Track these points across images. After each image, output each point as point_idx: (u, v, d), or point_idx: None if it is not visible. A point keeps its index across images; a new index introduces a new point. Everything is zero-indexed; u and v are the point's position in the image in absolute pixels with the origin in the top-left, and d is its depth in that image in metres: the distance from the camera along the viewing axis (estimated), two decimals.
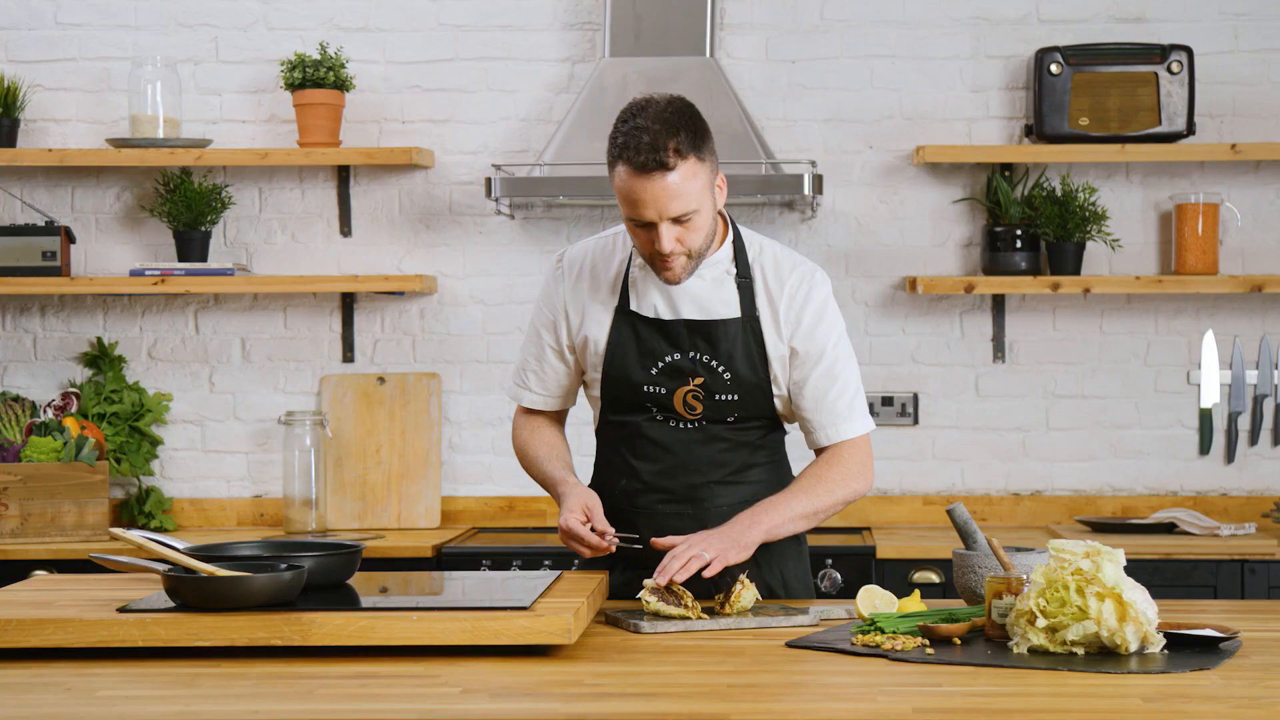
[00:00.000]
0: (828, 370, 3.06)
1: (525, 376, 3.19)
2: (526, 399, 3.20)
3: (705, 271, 3.04)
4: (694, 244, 2.93)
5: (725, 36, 4.82)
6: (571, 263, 3.14)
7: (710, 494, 3.06)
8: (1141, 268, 4.81)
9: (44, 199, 4.91)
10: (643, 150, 2.83)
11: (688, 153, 2.86)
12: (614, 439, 3.12)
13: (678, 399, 3.03)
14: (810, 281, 3.09)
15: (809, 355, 3.05)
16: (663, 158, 2.83)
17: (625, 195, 2.89)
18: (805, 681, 2.36)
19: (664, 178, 2.84)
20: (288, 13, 4.89)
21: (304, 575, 2.58)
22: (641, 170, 2.84)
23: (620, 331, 3.05)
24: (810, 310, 3.06)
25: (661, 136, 2.84)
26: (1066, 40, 4.75)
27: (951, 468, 4.85)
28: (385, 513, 4.79)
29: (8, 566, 4.31)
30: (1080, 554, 2.46)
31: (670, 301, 3.04)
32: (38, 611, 2.54)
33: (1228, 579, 4.26)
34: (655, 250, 2.92)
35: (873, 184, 4.84)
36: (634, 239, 2.97)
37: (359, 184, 4.90)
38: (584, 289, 3.10)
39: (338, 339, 4.90)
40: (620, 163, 2.87)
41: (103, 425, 4.74)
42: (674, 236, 2.90)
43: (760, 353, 3.04)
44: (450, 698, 2.22)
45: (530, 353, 3.18)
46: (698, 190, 2.89)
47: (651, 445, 3.07)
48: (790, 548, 3.18)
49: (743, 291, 3.05)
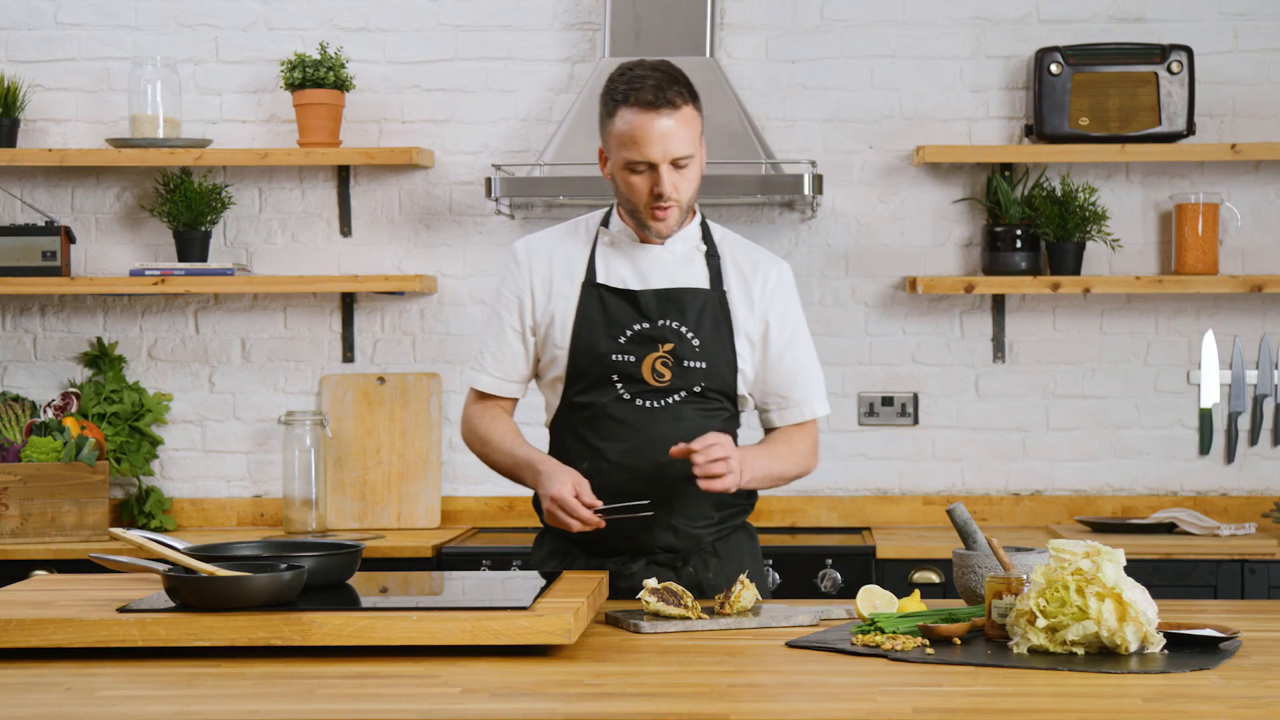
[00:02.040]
0: (803, 349, 3.20)
1: (483, 360, 3.20)
2: (482, 381, 3.20)
3: (675, 245, 3.13)
4: (686, 194, 3.04)
5: (725, 36, 4.82)
6: (532, 248, 3.19)
7: (675, 472, 3.07)
8: (1141, 268, 4.81)
9: (44, 199, 4.91)
10: (649, 90, 2.96)
11: (689, 98, 3.02)
12: (575, 422, 3.13)
13: (646, 366, 3.07)
14: (782, 268, 3.22)
15: (783, 334, 3.16)
16: (670, 97, 2.98)
17: (629, 137, 2.97)
18: (805, 681, 2.36)
19: (671, 115, 2.98)
20: (288, 13, 4.89)
21: (304, 575, 2.58)
22: (650, 108, 2.96)
23: (588, 304, 3.10)
24: (783, 292, 3.19)
25: (666, 81, 3.00)
26: (1066, 40, 4.76)
27: (951, 468, 4.85)
28: (385, 513, 4.79)
29: (8, 566, 4.31)
30: (1080, 554, 2.46)
31: (639, 272, 3.11)
32: (38, 611, 2.54)
33: (1228, 579, 4.26)
34: (654, 195, 3.00)
35: (873, 184, 4.84)
36: (628, 190, 3.03)
37: (359, 184, 4.90)
38: (548, 269, 3.15)
39: (338, 339, 4.91)
40: (625, 105, 2.98)
41: (103, 425, 4.74)
42: (673, 182, 3.00)
43: (727, 326, 3.11)
44: (450, 698, 2.22)
45: (490, 335, 3.20)
46: (696, 137, 3.03)
47: (617, 424, 3.08)
48: (746, 543, 3.23)
49: (711, 267, 3.14)
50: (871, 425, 4.85)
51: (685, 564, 3.12)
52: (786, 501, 4.83)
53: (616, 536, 3.07)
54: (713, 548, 3.15)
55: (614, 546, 3.10)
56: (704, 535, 3.13)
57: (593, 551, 3.13)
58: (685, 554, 3.12)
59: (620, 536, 3.08)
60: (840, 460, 4.83)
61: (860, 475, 4.85)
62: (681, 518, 3.09)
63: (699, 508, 3.10)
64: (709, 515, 3.12)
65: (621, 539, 3.08)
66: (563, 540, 3.17)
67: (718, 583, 3.11)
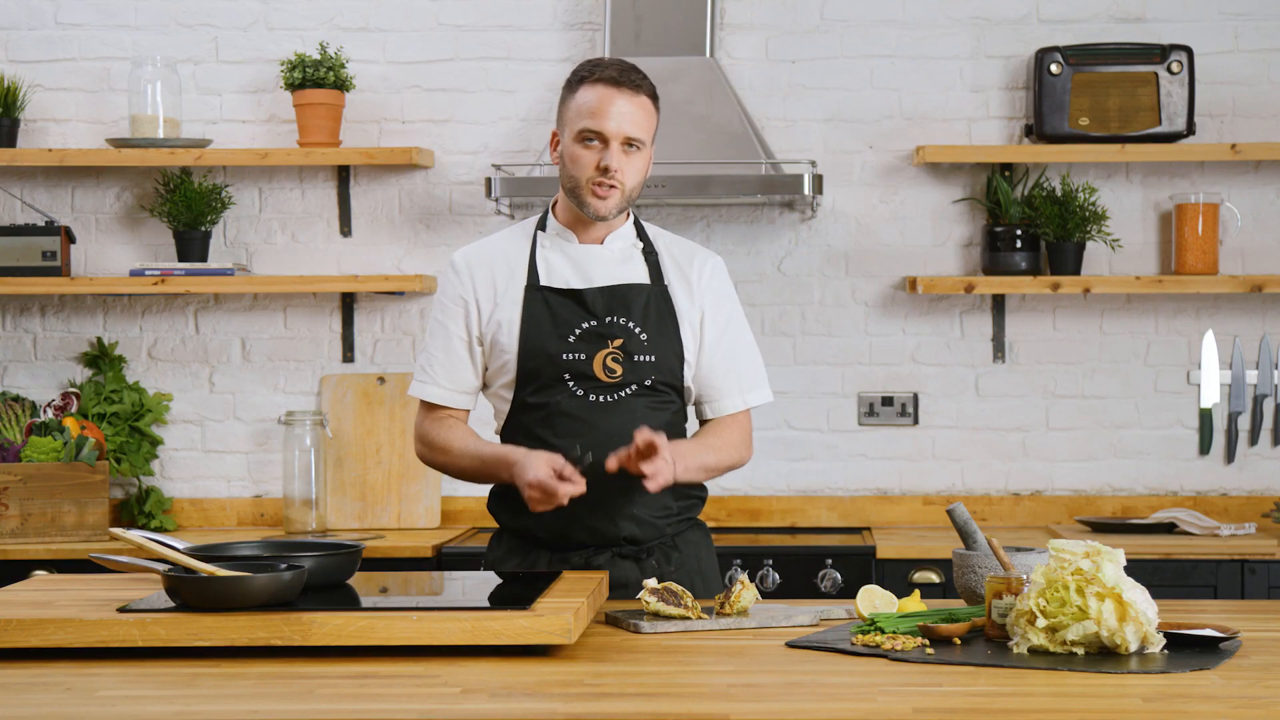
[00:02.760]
0: (737, 340, 3.22)
1: (432, 372, 3.18)
2: (433, 394, 3.18)
3: (613, 244, 3.16)
4: (630, 181, 3.08)
5: (725, 36, 4.82)
6: (470, 257, 3.20)
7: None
8: (1141, 268, 4.81)
9: (44, 199, 4.91)
10: (614, 69, 3.06)
11: (650, 93, 3.10)
12: (529, 422, 3.12)
13: (597, 363, 3.08)
14: (714, 260, 3.26)
15: (715, 324, 3.19)
16: (635, 79, 3.08)
17: (589, 108, 3.04)
18: (805, 681, 2.35)
19: (632, 98, 3.05)
20: (288, 13, 4.89)
21: (304, 575, 2.57)
22: (614, 84, 3.04)
23: (533, 307, 3.11)
24: (718, 282, 3.23)
25: (631, 68, 3.10)
26: (1066, 40, 4.76)
27: (951, 468, 4.85)
28: (385, 513, 4.79)
29: (8, 566, 4.31)
30: (1080, 554, 2.46)
31: (581, 271, 3.13)
32: (38, 611, 2.54)
33: (1228, 579, 4.26)
34: (599, 169, 3.04)
35: (873, 184, 4.84)
36: (574, 164, 3.07)
37: (359, 184, 4.90)
38: (489, 278, 3.16)
39: (338, 339, 4.91)
40: (590, 81, 3.06)
41: (103, 425, 4.74)
42: (620, 162, 3.04)
43: (672, 318, 3.15)
44: (450, 698, 2.22)
45: (437, 347, 3.18)
46: (649, 130, 3.10)
47: (571, 420, 3.09)
48: (702, 539, 3.25)
49: (650, 262, 3.17)
50: (871, 425, 4.85)
51: (649, 556, 3.13)
52: (787, 501, 4.83)
53: (580, 530, 3.09)
54: (673, 541, 3.18)
55: (578, 540, 3.11)
56: (664, 526, 3.15)
57: (556, 547, 3.13)
58: (649, 546, 3.13)
59: (584, 530, 3.09)
60: (840, 460, 4.83)
61: (860, 475, 4.85)
62: (642, 507, 3.11)
63: (658, 498, 3.12)
64: (668, 505, 3.15)
65: (585, 532, 3.10)
66: (521, 538, 3.17)
67: (678, 576, 3.13)
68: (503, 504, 3.21)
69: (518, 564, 3.16)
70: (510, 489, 3.11)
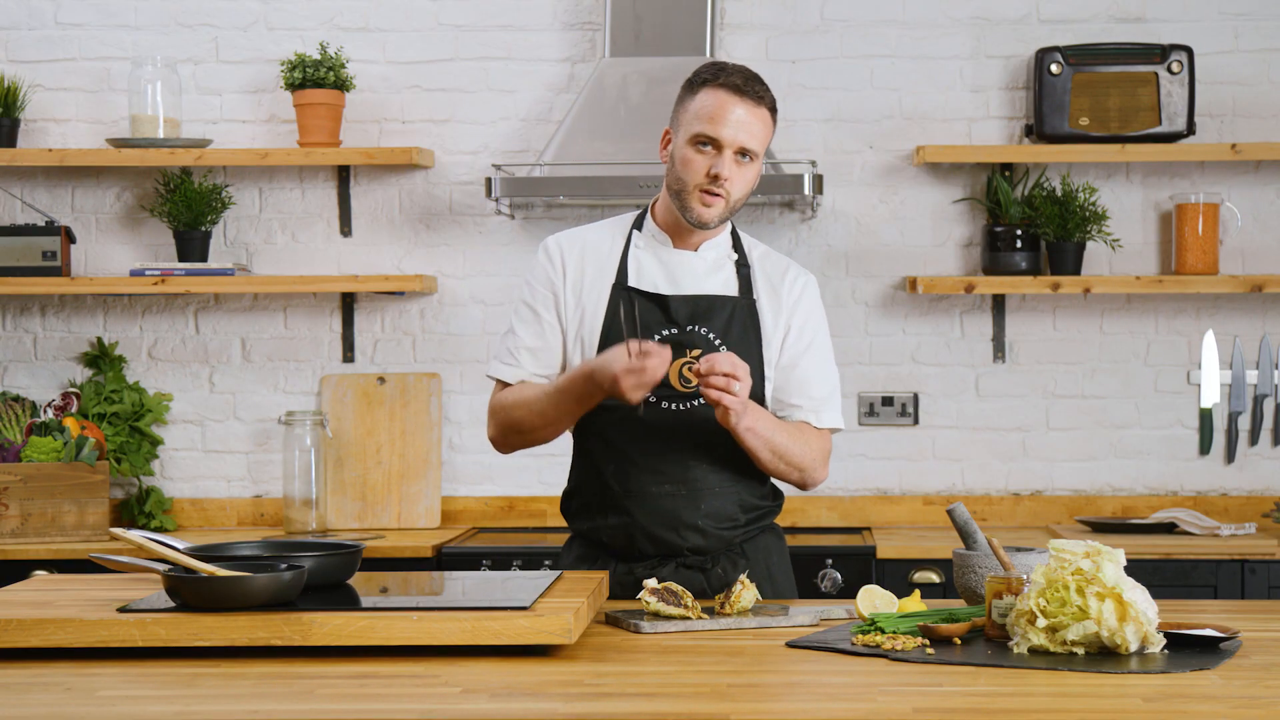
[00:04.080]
0: (820, 358, 3.15)
1: (517, 355, 3.11)
2: (513, 375, 3.11)
3: (707, 253, 3.10)
4: (736, 192, 3.01)
5: (725, 36, 4.82)
6: (563, 246, 3.15)
7: (702, 474, 3.06)
8: (1141, 268, 4.81)
9: (44, 199, 4.91)
10: (739, 77, 2.99)
11: (771, 105, 3.03)
12: (601, 425, 3.09)
13: (673, 371, 3.03)
14: (807, 277, 3.20)
15: (800, 341, 3.12)
16: (758, 90, 3.00)
17: (707, 113, 2.96)
18: (805, 681, 2.35)
19: (755, 106, 2.98)
20: (288, 13, 4.89)
21: (304, 575, 2.57)
22: (737, 92, 2.97)
23: (617, 306, 3.07)
24: (808, 299, 3.16)
25: (756, 78, 3.01)
26: (1066, 40, 4.76)
27: (951, 468, 4.85)
28: (385, 513, 4.79)
29: (8, 566, 4.31)
30: (1080, 554, 2.46)
31: (671, 277, 3.08)
32: (38, 611, 2.54)
33: (1228, 579, 4.26)
34: (709, 176, 2.97)
35: (873, 184, 4.84)
36: (684, 167, 2.99)
37: (359, 184, 4.90)
38: (578, 267, 3.11)
39: (338, 339, 4.91)
40: (713, 85, 2.98)
41: (103, 425, 4.74)
42: (731, 171, 2.97)
43: (756, 334, 3.09)
44: (450, 698, 2.22)
45: (524, 329, 3.11)
46: (763, 142, 3.02)
47: (644, 426, 3.04)
48: (774, 543, 3.21)
49: (741, 275, 3.11)
50: (871, 425, 4.85)
51: (714, 565, 3.09)
52: (787, 501, 4.81)
53: (645, 540, 3.06)
54: (740, 549, 3.13)
55: (643, 551, 3.08)
56: (731, 537, 3.11)
57: (622, 556, 3.10)
58: (714, 555, 3.10)
59: (648, 540, 3.06)
60: (840, 460, 4.83)
61: (860, 475, 4.85)
62: (709, 519, 3.07)
63: (725, 509, 3.08)
64: (734, 517, 3.10)
65: (650, 543, 3.07)
66: (590, 544, 3.15)
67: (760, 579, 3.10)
68: (573, 506, 3.18)
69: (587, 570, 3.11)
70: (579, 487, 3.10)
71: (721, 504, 3.08)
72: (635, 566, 3.08)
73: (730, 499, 3.09)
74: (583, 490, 3.15)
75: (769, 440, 3.02)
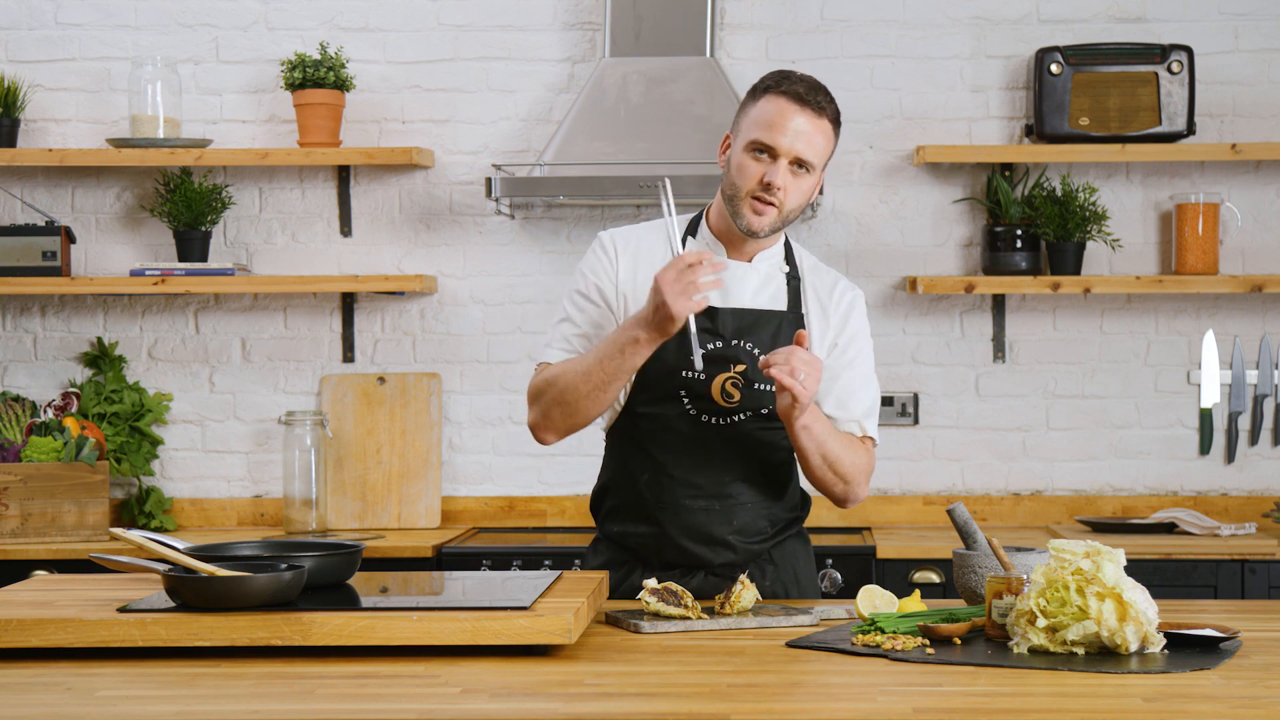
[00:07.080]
0: (863, 373, 3.10)
1: (570, 342, 3.04)
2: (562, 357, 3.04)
3: (760, 265, 3.06)
4: (791, 203, 2.95)
5: (725, 36, 4.82)
6: (617, 241, 3.09)
7: (738, 490, 3.05)
8: (1141, 268, 4.81)
9: (44, 199, 4.91)
10: (802, 86, 2.93)
11: (833, 117, 2.97)
12: (638, 433, 3.06)
13: (716, 385, 2.99)
14: (855, 291, 3.15)
15: (845, 355, 3.08)
16: (821, 101, 2.94)
17: (767, 120, 2.91)
18: (805, 681, 2.35)
19: (816, 117, 2.93)
20: (288, 13, 4.89)
21: (304, 575, 2.57)
22: (799, 101, 2.92)
23: None
24: (855, 317, 3.11)
25: (820, 88, 2.97)
26: (1066, 40, 4.76)
27: (951, 468, 4.85)
28: (385, 513, 4.79)
29: (8, 566, 4.31)
30: (1080, 554, 2.46)
31: (721, 290, 2.99)
32: (38, 611, 2.54)
33: (1228, 579, 4.26)
34: (762, 184, 2.91)
35: (873, 184, 4.84)
36: (739, 173, 2.94)
37: (359, 184, 4.90)
38: (631, 265, 3.06)
39: (338, 339, 4.91)
40: (774, 91, 2.93)
41: (103, 425, 4.74)
42: (785, 180, 2.92)
43: None
44: (450, 698, 2.22)
45: (581, 316, 3.05)
46: (823, 155, 2.97)
47: (681, 439, 3.02)
48: (801, 549, 3.19)
49: (791, 288, 3.08)
50: None
51: (742, 572, 3.06)
52: None
53: (673, 551, 3.04)
54: (769, 555, 3.12)
55: (672, 561, 3.06)
56: (760, 550, 3.10)
57: (651, 565, 3.08)
58: (743, 565, 3.09)
59: (677, 551, 3.04)
60: None
61: None
62: (739, 534, 3.05)
63: (755, 524, 3.06)
64: (764, 531, 3.08)
65: (679, 554, 3.04)
66: (619, 548, 3.12)
67: (774, 589, 3.09)
68: (604, 507, 3.15)
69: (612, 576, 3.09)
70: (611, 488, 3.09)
71: (753, 519, 3.06)
72: (664, 576, 3.03)
73: (761, 515, 3.07)
74: (614, 492, 3.12)
75: (822, 444, 2.96)
